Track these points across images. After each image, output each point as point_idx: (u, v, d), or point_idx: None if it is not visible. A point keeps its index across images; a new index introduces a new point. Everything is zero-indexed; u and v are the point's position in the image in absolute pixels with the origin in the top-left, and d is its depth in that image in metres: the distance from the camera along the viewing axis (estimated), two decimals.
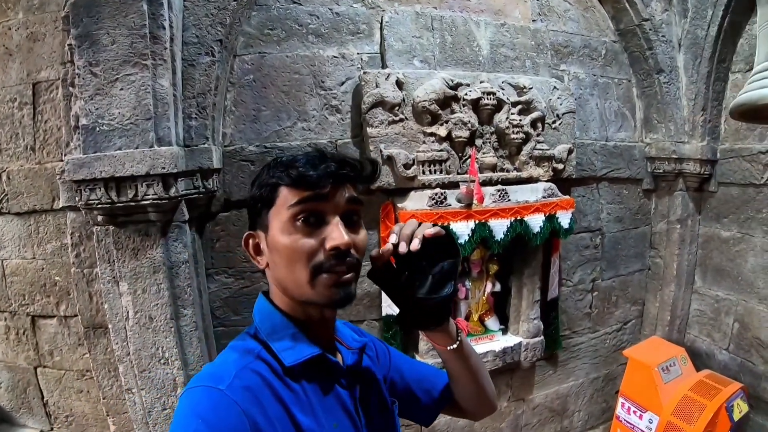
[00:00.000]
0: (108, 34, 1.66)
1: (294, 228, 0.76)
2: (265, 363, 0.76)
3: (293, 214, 0.76)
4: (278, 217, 0.77)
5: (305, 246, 0.75)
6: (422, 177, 2.14)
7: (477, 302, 2.49)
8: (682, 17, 2.94)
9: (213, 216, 2.21)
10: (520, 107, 2.35)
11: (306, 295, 0.77)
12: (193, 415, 0.66)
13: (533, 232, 2.24)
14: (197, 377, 0.73)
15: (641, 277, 3.25)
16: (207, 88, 2.02)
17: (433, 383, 1.06)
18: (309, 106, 2.24)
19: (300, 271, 0.76)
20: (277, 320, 0.82)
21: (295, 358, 0.77)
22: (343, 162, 0.79)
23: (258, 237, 0.83)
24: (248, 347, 0.79)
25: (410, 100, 2.16)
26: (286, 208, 0.76)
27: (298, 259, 0.75)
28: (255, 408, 0.69)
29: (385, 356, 1.04)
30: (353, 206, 0.81)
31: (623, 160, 2.99)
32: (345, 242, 0.75)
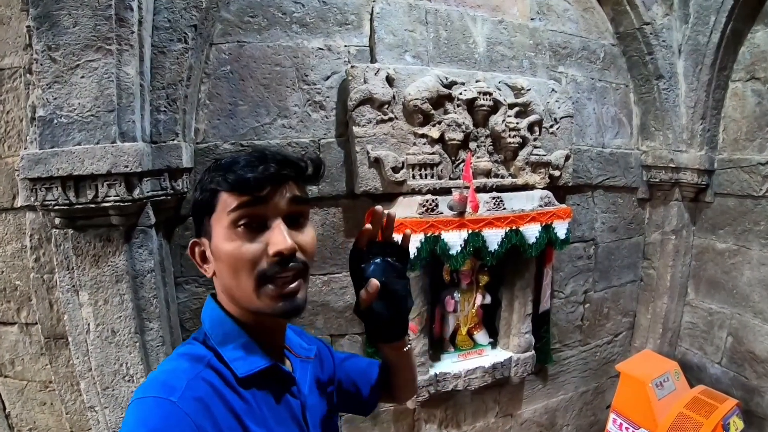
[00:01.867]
0: (70, 15, 1.49)
1: (235, 234, 0.73)
2: (215, 372, 0.72)
3: (233, 220, 0.73)
4: (219, 223, 0.75)
5: (247, 253, 0.72)
6: (412, 182, 1.96)
7: (466, 315, 2.32)
8: (683, 22, 2.82)
9: (182, 219, 2.02)
10: (517, 109, 2.18)
11: (254, 305, 0.74)
12: (143, 427, 0.62)
13: (529, 243, 2.08)
14: (145, 386, 0.69)
15: (633, 289, 3.13)
16: (178, 78, 1.83)
17: (371, 374, 1.08)
18: (290, 102, 2.04)
19: (245, 279, 0.73)
20: (229, 328, 0.78)
21: (248, 368, 0.74)
22: (284, 162, 0.76)
23: (203, 244, 0.80)
24: (198, 354, 0.75)
25: (401, 98, 1.98)
26: (226, 214, 0.73)
27: (241, 267, 0.73)
28: (207, 421, 0.66)
29: (329, 359, 1.04)
30: (297, 207, 0.77)
31: (619, 168, 2.84)
32: (288, 246, 0.72)
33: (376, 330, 0.89)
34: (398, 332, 0.92)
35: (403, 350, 0.98)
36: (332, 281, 2.14)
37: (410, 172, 1.96)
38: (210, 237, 0.77)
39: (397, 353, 0.99)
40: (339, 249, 2.12)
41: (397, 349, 0.97)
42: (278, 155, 0.76)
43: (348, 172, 2.06)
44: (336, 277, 2.14)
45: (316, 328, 2.18)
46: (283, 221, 0.74)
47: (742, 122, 2.84)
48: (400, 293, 0.84)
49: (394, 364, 1.05)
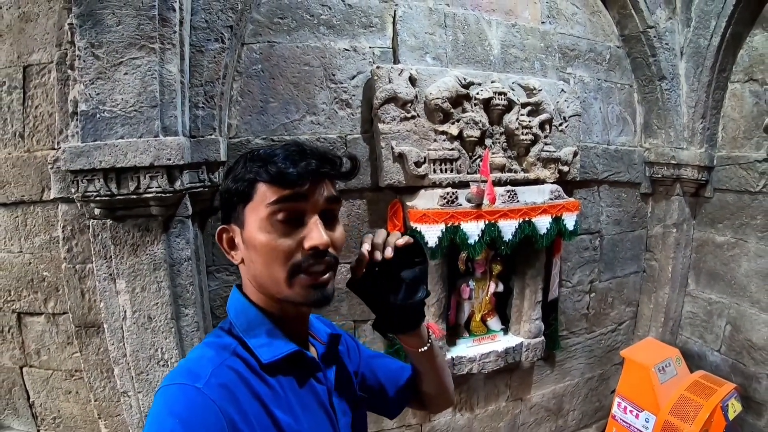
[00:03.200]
0: (113, 14, 1.56)
1: (272, 226, 0.74)
2: (241, 359, 0.74)
3: (271, 212, 0.74)
4: (256, 213, 0.75)
5: (283, 245, 0.73)
6: (433, 176, 2.10)
7: (480, 302, 2.46)
8: (686, 26, 2.95)
9: (216, 210, 2.10)
10: (529, 108, 2.32)
11: (283, 294, 0.76)
12: (168, 413, 0.63)
13: (540, 234, 2.22)
14: (172, 374, 0.70)
15: (636, 279, 3.27)
16: (216, 76, 1.94)
17: (400, 377, 1.07)
18: (318, 100, 2.18)
19: (278, 269, 0.74)
20: (253, 316, 0.79)
21: (272, 354, 0.75)
22: (324, 158, 0.77)
23: (233, 231, 0.80)
24: (224, 343, 0.76)
25: (422, 98, 2.12)
26: (265, 206, 0.74)
27: (275, 258, 0.74)
28: (232, 406, 0.67)
29: (356, 352, 1.04)
30: (332, 205, 0.79)
31: (623, 164, 2.98)
32: (324, 242, 0.74)
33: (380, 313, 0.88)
34: (406, 322, 0.90)
35: (421, 350, 0.95)
36: None
37: (431, 166, 2.10)
38: (242, 225, 0.77)
39: (417, 353, 0.96)
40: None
41: (412, 345, 0.95)
42: (317, 151, 0.77)
43: (373, 167, 2.20)
44: None
45: (340, 314, 2.31)
46: (319, 217, 0.75)
47: (741, 121, 2.97)
48: (417, 274, 0.85)
49: (418, 367, 1.02)
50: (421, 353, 0.96)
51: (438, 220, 1.98)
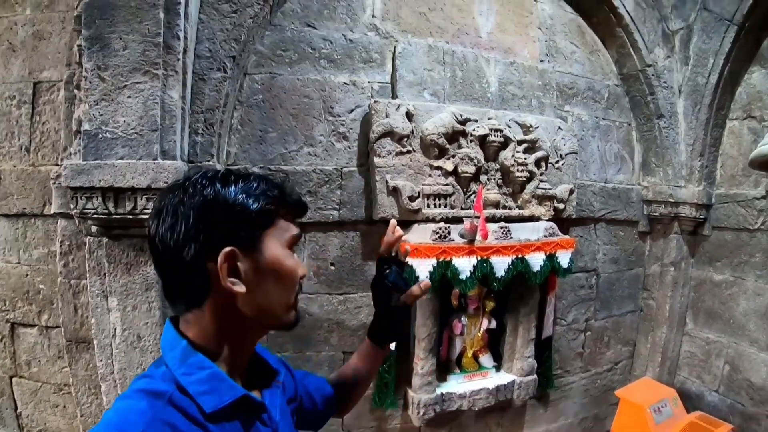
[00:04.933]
0: (120, 38, 1.63)
1: (290, 254, 0.79)
2: (178, 410, 0.66)
3: (294, 241, 0.80)
4: (278, 240, 0.77)
5: (299, 271, 0.80)
6: (426, 210, 2.13)
7: (472, 338, 2.46)
8: (684, 64, 3.01)
9: None
10: (525, 146, 2.36)
11: (284, 319, 0.79)
12: None
13: (533, 271, 2.23)
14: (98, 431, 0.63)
15: (633, 318, 3.26)
16: (216, 104, 2.00)
17: (327, 390, 1.12)
18: (316, 132, 2.23)
19: (291, 295, 0.79)
20: (193, 357, 0.71)
21: (216, 402, 0.69)
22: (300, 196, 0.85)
23: (239, 257, 0.71)
24: (158, 390, 0.67)
25: (419, 133, 2.16)
26: (291, 234, 0.79)
27: (293, 284, 0.79)
28: None
29: (289, 377, 1.02)
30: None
31: (621, 202, 3.01)
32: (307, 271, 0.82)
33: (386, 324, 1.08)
34: (397, 333, 1.10)
35: (382, 357, 1.14)
36: (348, 301, 2.29)
37: (425, 201, 2.13)
38: (258, 250, 0.73)
39: (379, 357, 1.13)
40: (356, 271, 2.28)
41: (382, 354, 1.13)
42: (294, 188, 0.85)
43: (367, 199, 2.23)
44: (352, 297, 2.29)
45: (330, 344, 2.32)
46: None
47: (739, 159, 3.00)
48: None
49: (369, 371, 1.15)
50: (382, 354, 1.13)
51: (430, 255, 2.00)
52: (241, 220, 0.72)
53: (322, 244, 2.24)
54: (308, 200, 2.19)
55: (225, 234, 0.71)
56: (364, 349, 1.14)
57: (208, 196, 0.71)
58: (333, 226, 2.23)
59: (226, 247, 0.70)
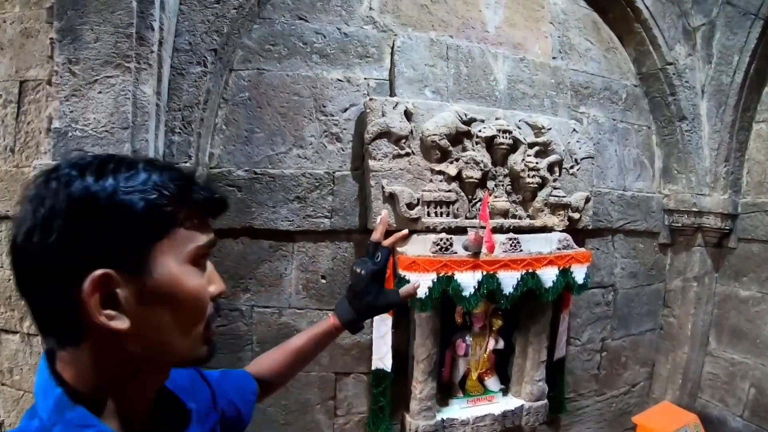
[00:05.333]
0: (92, 30, 1.52)
1: (195, 271, 0.58)
2: None
3: (200, 253, 0.59)
4: (175, 254, 0.56)
5: (207, 293, 0.60)
6: (426, 219, 1.91)
7: (477, 360, 2.23)
8: (706, 63, 2.81)
9: None
10: (537, 149, 2.14)
11: (192, 355, 0.60)
12: None
13: (545, 287, 2.01)
14: None
15: (653, 337, 3.01)
16: (195, 100, 1.84)
17: (248, 390, 0.96)
18: (307, 132, 2.03)
19: (200, 324, 0.59)
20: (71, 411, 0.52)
21: None
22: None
23: (119, 282, 0.52)
24: None
25: (419, 133, 1.96)
26: (196, 245, 0.58)
27: (200, 310, 0.59)
28: None
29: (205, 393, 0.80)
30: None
31: (640, 212, 2.78)
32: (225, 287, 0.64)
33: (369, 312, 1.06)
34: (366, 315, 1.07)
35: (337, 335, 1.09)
36: None
37: (425, 209, 1.92)
38: (145, 270, 0.53)
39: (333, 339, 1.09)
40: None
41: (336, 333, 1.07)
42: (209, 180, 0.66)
43: (362, 207, 2.03)
44: None
45: (320, 364, 2.11)
46: None
47: (767, 164, 2.78)
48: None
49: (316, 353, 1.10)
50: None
51: (429, 269, 1.79)
52: (120, 229, 0.52)
53: (312, 255, 2.04)
54: (296, 206, 1.99)
55: (97, 249, 0.50)
56: (325, 328, 1.06)
57: (74, 193, 0.50)
58: (324, 235, 2.03)
59: (97, 269, 0.50)
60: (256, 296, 2.05)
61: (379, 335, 2.02)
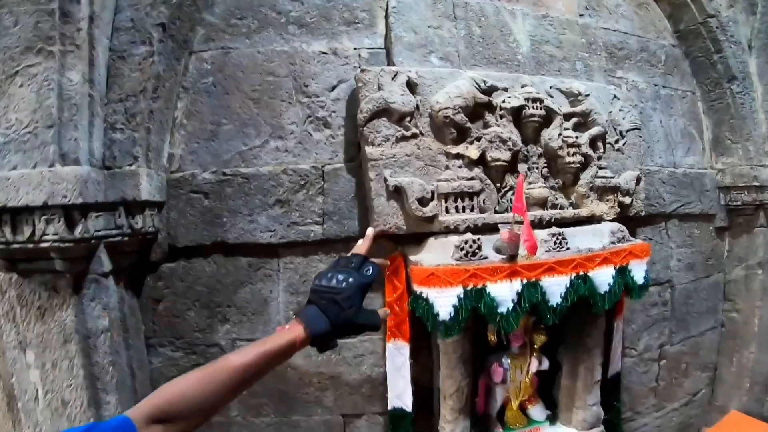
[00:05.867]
0: (11, 12, 1.26)
1: None
2: None
3: None
4: None
5: None
6: (445, 217, 1.46)
7: (518, 386, 1.77)
8: (750, 14, 2.37)
9: (154, 267, 1.59)
10: (575, 120, 1.69)
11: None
12: None
13: (600, 293, 1.54)
14: None
15: (713, 337, 2.53)
16: (140, 87, 1.46)
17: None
18: (286, 119, 1.61)
19: None
20: None
21: None
22: None
23: None
24: None
25: (426, 109, 1.51)
26: None
27: None
28: None
29: None
30: None
31: (694, 191, 2.30)
32: None
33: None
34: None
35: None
36: (344, 348, 1.63)
37: (442, 204, 1.47)
38: None
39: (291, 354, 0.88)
40: None
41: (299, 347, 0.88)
42: None
43: (361, 207, 1.58)
44: (349, 343, 1.63)
45: (323, 406, 1.67)
46: None
47: None
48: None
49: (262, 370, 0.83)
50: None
51: (453, 282, 1.33)
52: None
53: (302, 273, 1.60)
54: (278, 212, 1.56)
55: None
56: (284, 342, 0.84)
57: None
58: (315, 246, 1.58)
59: None
60: (237, 328, 1.62)
61: (394, 367, 1.57)
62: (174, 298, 1.62)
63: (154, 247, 1.58)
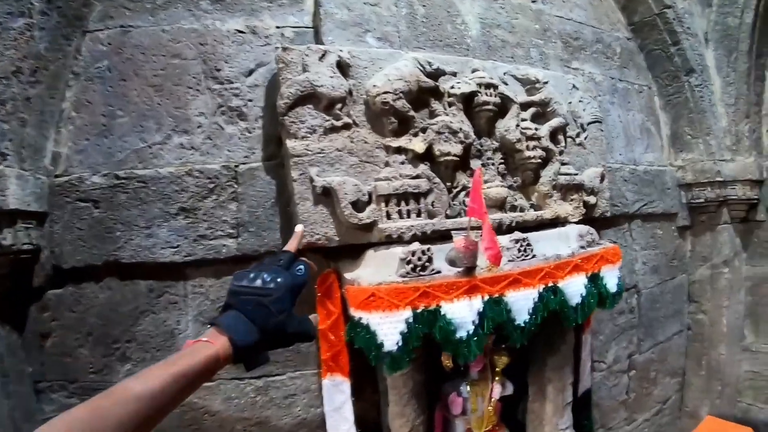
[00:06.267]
0: None
1: None
2: None
3: None
4: None
5: None
6: (386, 224, 1.20)
7: (480, 416, 1.51)
8: (705, 6, 2.27)
9: (38, 294, 1.26)
10: (533, 110, 1.48)
11: None
12: None
13: (572, 305, 1.32)
14: None
15: (680, 341, 2.38)
16: (12, 68, 1.16)
17: None
18: (193, 109, 1.31)
19: None
20: None
21: None
22: None
23: None
24: None
25: (362, 95, 1.25)
26: None
27: None
28: None
29: None
30: None
31: (656, 190, 2.14)
32: None
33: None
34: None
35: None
36: (271, 387, 1.33)
37: (382, 208, 1.20)
38: None
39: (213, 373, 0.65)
40: None
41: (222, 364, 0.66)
42: None
43: (283, 215, 1.29)
44: (277, 380, 1.33)
45: None
46: None
47: None
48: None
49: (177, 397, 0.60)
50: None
51: (400, 304, 1.07)
52: None
53: (215, 299, 1.28)
54: (182, 224, 1.25)
55: None
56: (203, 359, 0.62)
57: None
58: (230, 264, 1.27)
59: None
60: (140, 367, 1.28)
61: (333, 408, 1.28)
62: (63, 332, 1.28)
63: (36, 270, 1.24)
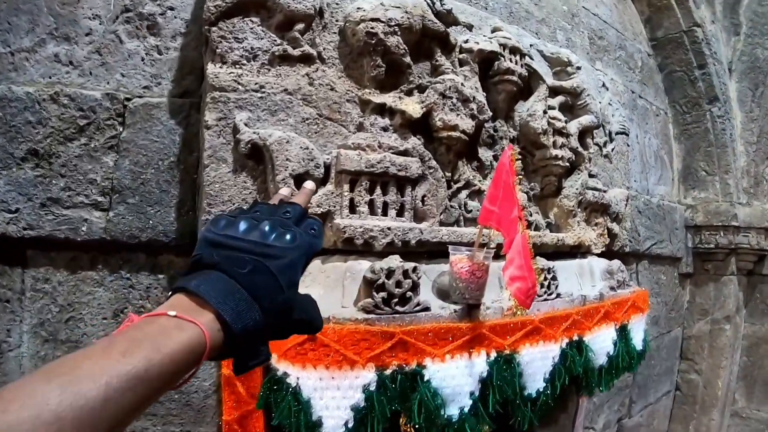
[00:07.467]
0: None
1: None
2: None
3: None
4: None
5: None
6: (347, 220, 0.72)
7: None
8: (732, 34, 1.98)
9: None
10: (561, 99, 1.06)
11: None
12: None
13: (594, 367, 0.89)
14: None
15: (667, 402, 2.00)
16: None
17: None
18: (86, 9, 0.81)
19: None
20: None
21: None
22: None
23: None
24: None
25: (337, 20, 0.79)
26: None
27: None
28: None
29: None
30: None
31: (666, 228, 1.77)
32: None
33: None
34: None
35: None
36: None
37: (345, 192, 0.73)
38: None
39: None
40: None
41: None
42: None
43: (186, 184, 0.80)
44: None
45: None
46: None
47: None
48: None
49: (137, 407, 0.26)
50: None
51: (357, 358, 0.60)
52: None
53: (64, 304, 0.77)
54: (30, 175, 0.74)
55: None
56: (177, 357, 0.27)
57: None
58: (93, 252, 0.77)
59: None
60: None
61: None
62: None
63: None
